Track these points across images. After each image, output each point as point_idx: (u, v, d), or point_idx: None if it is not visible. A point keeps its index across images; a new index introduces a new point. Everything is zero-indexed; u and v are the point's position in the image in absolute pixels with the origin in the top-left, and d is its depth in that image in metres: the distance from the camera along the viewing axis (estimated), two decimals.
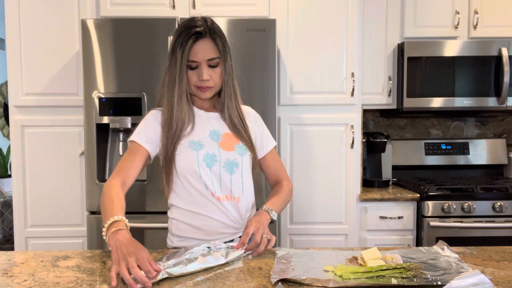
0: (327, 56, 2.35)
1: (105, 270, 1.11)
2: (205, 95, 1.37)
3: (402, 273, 1.02)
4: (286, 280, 1.01)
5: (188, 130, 1.37)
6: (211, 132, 1.40)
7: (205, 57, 1.31)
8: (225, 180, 1.37)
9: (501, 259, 1.19)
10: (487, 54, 2.54)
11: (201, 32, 1.30)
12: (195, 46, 1.30)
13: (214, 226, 1.36)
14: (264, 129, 1.52)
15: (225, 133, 1.41)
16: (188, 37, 1.30)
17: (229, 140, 1.40)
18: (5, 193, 3.70)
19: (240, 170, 1.39)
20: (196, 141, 1.37)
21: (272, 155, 1.52)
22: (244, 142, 1.41)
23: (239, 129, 1.41)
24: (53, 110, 2.32)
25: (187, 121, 1.37)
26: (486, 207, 2.34)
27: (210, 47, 1.32)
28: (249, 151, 1.42)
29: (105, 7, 2.31)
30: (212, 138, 1.39)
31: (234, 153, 1.39)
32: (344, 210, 2.38)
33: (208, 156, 1.36)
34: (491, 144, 2.92)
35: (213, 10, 2.32)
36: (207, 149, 1.36)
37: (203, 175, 1.35)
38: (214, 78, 1.34)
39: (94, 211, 2.17)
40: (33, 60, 2.30)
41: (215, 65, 1.34)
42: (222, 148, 1.38)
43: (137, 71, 2.14)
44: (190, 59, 1.31)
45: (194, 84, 1.35)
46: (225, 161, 1.37)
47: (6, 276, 1.07)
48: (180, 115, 1.34)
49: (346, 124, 2.37)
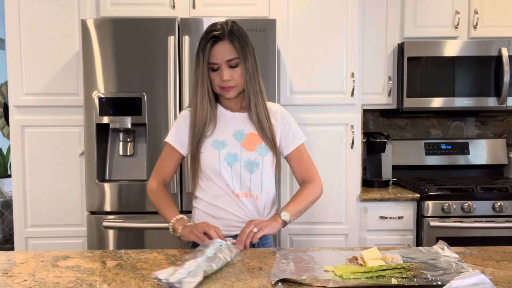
0: (327, 56, 2.35)
1: (105, 270, 1.12)
2: (229, 94, 1.43)
3: (402, 273, 1.02)
4: (286, 280, 1.01)
5: (210, 129, 1.46)
6: (235, 131, 1.47)
7: (224, 58, 1.39)
8: (245, 179, 1.45)
9: (501, 259, 1.19)
10: (487, 54, 2.54)
11: (218, 35, 1.38)
12: (214, 49, 1.39)
13: (231, 220, 1.46)
14: (291, 125, 1.54)
15: (249, 133, 1.47)
16: (207, 41, 1.39)
17: (252, 140, 1.47)
18: (5, 193, 3.70)
19: (260, 170, 1.46)
20: (219, 140, 1.46)
21: (299, 152, 1.53)
22: (266, 141, 1.47)
23: (263, 127, 1.46)
24: (53, 110, 2.32)
25: (209, 120, 1.45)
26: (486, 207, 2.34)
27: (228, 49, 1.39)
28: (270, 151, 1.48)
29: (105, 7, 2.31)
30: (235, 138, 1.46)
31: (255, 153, 1.46)
32: (344, 210, 2.38)
33: (230, 156, 1.44)
34: (491, 144, 2.92)
35: (213, 10, 2.32)
36: (229, 148, 1.45)
37: (224, 173, 1.44)
38: (235, 77, 1.41)
39: (94, 211, 2.17)
40: (33, 60, 2.29)
41: (235, 65, 1.40)
42: (244, 148, 1.46)
43: (137, 71, 2.14)
44: (210, 62, 1.40)
45: (218, 84, 1.42)
46: (246, 161, 1.45)
47: (6, 276, 1.07)
48: (202, 114, 1.44)
49: (346, 124, 2.37)
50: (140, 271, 1.11)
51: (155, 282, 1.01)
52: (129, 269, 1.12)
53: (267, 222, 1.36)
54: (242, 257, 1.22)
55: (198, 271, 1.00)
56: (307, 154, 1.55)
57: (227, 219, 1.45)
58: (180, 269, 0.98)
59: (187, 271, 0.97)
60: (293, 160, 1.53)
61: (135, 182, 2.18)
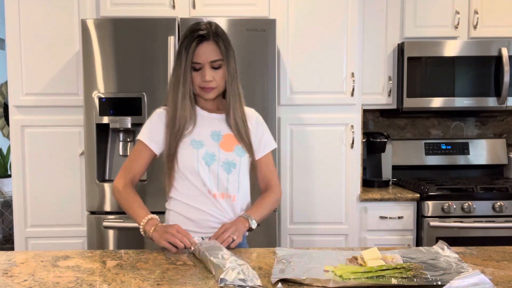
0: (327, 56, 2.35)
1: (105, 270, 1.12)
2: (209, 95, 1.43)
3: (402, 273, 1.02)
4: (286, 280, 1.01)
5: (189, 129, 1.43)
6: (213, 132, 1.46)
7: (208, 58, 1.38)
8: (222, 179, 1.43)
9: (501, 259, 1.19)
10: (487, 54, 2.54)
11: (204, 35, 1.37)
12: (198, 49, 1.37)
13: (207, 220, 1.42)
14: (264, 131, 1.55)
15: (226, 134, 1.46)
16: (192, 40, 1.37)
17: (229, 141, 1.46)
18: (5, 193, 3.70)
19: (237, 171, 1.45)
20: (197, 140, 1.43)
21: (268, 158, 1.55)
22: (243, 144, 1.46)
23: (240, 130, 1.46)
24: (53, 110, 2.32)
25: (189, 120, 1.43)
26: (486, 207, 2.34)
27: (213, 49, 1.38)
28: (247, 153, 1.47)
29: (105, 7, 2.31)
30: (213, 138, 1.45)
31: (233, 154, 1.45)
32: (344, 210, 2.38)
33: (208, 155, 1.42)
34: (491, 144, 2.92)
35: (213, 10, 2.32)
36: (207, 148, 1.43)
37: (202, 172, 1.41)
38: (217, 79, 1.40)
39: (94, 211, 2.17)
40: (33, 60, 2.29)
41: (218, 67, 1.40)
42: (221, 149, 1.44)
43: (137, 71, 2.14)
44: (194, 61, 1.37)
45: (198, 84, 1.41)
46: (224, 161, 1.44)
47: (6, 276, 1.07)
48: (183, 114, 1.41)
49: (346, 124, 2.37)
50: (140, 271, 1.11)
51: (155, 282, 1.02)
52: (129, 269, 1.12)
53: (240, 228, 1.35)
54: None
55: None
56: (273, 161, 1.58)
57: (204, 220, 1.42)
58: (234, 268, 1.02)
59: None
60: (261, 165, 1.53)
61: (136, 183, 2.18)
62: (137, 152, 1.46)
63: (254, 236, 1.64)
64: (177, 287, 0.99)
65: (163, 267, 1.14)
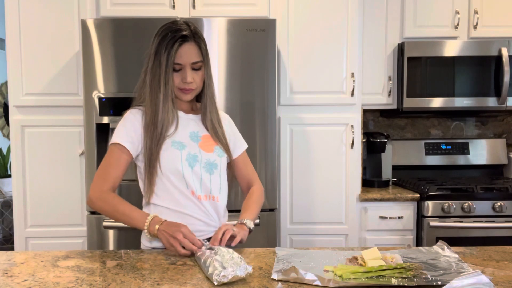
0: (327, 56, 2.35)
1: (105, 270, 1.12)
2: (187, 97, 1.42)
3: (402, 273, 1.02)
4: (286, 280, 1.01)
5: (171, 130, 1.40)
6: (191, 133, 1.44)
7: (190, 60, 1.36)
8: (205, 180, 1.41)
9: (501, 259, 1.19)
10: (487, 54, 2.54)
11: (186, 35, 1.35)
12: (180, 49, 1.35)
13: (193, 224, 1.36)
14: (236, 131, 1.58)
15: (204, 135, 1.46)
16: (174, 40, 1.34)
17: (208, 142, 1.45)
18: (5, 193, 3.70)
19: (218, 171, 1.45)
20: (178, 141, 1.41)
21: (244, 157, 1.57)
22: (221, 144, 1.47)
23: (217, 131, 1.47)
24: (53, 110, 2.32)
25: (172, 121, 1.40)
26: (486, 207, 2.34)
27: (195, 51, 1.37)
28: (225, 153, 1.48)
29: (105, 7, 2.31)
30: (192, 139, 1.44)
31: (214, 154, 1.45)
32: (344, 210, 2.38)
33: (191, 156, 1.40)
34: (491, 144, 2.92)
35: (213, 10, 2.32)
36: (189, 149, 1.41)
37: (186, 174, 1.38)
38: (196, 80, 1.39)
39: (94, 211, 2.17)
40: (33, 60, 2.29)
41: (198, 68, 1.39)
42: (202, 150, 1.43)
43: (137, 71, 2.11)
44: (175, 62, 1.35)
45: (177, 86, 1.39)
46: (206, 162, 1.42)
47: (6, 276, 1.07)
48: (166, 116, 1.38)
49: (346, 124, 2.37)
50: (140, 271, 1.11)
51: (155, 282, 1.02)
52: (129, 269, 1.12)
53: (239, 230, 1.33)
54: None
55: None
56: (249, 160, 1.59)
57: (189, 224, 1.32)
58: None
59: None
60: (239, 164, 1.55)
61: (135, 182, 2.16)
62: (114, 157, 1.36)
63: (254, 236, 1.64)
64: (177, 287, 0.99)
65: (163, 267, 1.14)
